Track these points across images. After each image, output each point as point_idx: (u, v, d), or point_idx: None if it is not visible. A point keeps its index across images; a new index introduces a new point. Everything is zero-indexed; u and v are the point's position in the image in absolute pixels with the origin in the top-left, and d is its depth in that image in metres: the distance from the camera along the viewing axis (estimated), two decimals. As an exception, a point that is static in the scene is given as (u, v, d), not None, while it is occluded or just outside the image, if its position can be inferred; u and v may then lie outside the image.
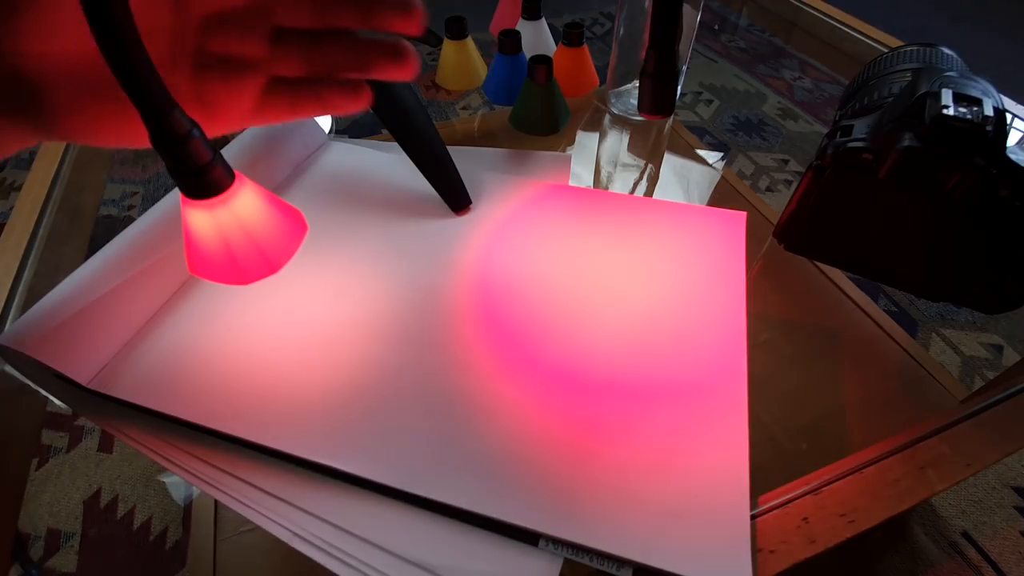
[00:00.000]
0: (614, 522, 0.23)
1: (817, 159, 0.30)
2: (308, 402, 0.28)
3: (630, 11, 0.44)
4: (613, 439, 0.26)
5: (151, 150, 0.19)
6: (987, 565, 0.57)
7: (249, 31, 0.22)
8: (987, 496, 0.63)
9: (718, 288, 0.33)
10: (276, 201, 0.25)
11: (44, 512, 0.62)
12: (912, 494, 0.25)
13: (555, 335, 0.31)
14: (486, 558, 0.23)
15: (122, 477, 0.64)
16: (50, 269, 0.35)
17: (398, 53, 0.23)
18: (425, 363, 0.30)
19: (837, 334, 0.37)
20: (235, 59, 0.22)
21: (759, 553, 0.23)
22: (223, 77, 0.22)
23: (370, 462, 0.25)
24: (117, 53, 0.17)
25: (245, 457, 0.26)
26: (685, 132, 0.53)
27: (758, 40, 1.32)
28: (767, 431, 0.31)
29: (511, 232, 0.37)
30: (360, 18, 0.22)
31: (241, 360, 0.30)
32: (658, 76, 0.31)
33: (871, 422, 0.32)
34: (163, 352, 0.30)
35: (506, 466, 0.25)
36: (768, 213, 0.43)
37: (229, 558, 0.30)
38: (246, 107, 0.23)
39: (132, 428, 0.27)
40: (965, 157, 0.26)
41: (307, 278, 0.34)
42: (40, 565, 0.58)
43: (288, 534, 0.24)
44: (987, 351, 0.78)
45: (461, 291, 0.33)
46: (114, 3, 0.16)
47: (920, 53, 0.34)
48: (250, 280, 0.24)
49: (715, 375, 0.29)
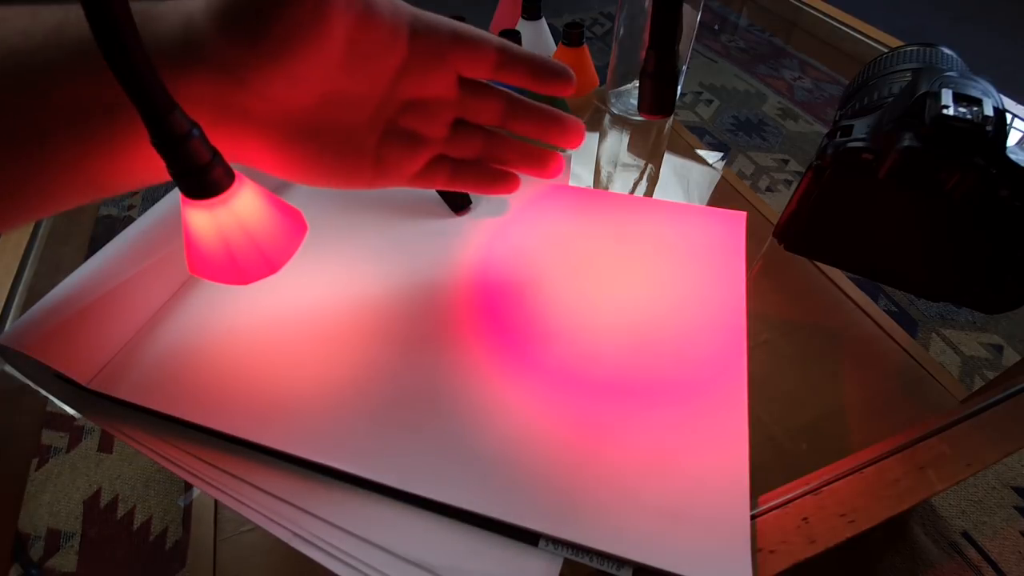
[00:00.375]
0: (614, 522, 0.23)
1: (817, 159, 0.30)
2: (308, 402, 0.28)
3: (630, 11, 0.44)
4: (613, 439, 0.26)
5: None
6: (987, 565, 0.58)
7: (436, 116, 0.27)
8: (987, 496, 0.63)
9: (718, 288, 0.33)
10: (276, 201, 0.25)
11: (44, 512, 0.62)
12: (912, 494, 0.25)
13: (555, 335, 0.31)
14: (486, 558, 0.23)
15: (122, 477, 0.64)
16: (50, 269, 0.35)
17: (543, 162, 0.30)
18: (425, 363, 0.30)
19: (837, 334, 0.37)
20: (418, 135, 0.27)
21: (759, 553, 0.23)
22: (404, 147, 0.27)
23: (370, 462, 0.25)
24: (117, 53, 0.17)
25: (245, 457, 0.26)
26: (685, 132, 0.53)
27: (758, 40, 1.32)
28: (767, 431, 0.31)
29: (511, 232, 0.37)
30: (526, 117, 0.28)
31: (241, 360, 0.30)
32: (658, 76, 0.31)
33: (871, 422, 0.32)
34: (163, 352, 0.30)
35: (506, 466, 0.25)
36: (768, 213, 0.43)
37: (229, 558, 0.30)
38: (412, 172, 0.28)
39: (132, 428, 0.27)
40: (965, 157, 0.26)
41: (307, 278, 0.34)
42: (40, 565, 0.58)
43: (288, 534, 0.24)
44: (987, 351, 0.78)
45: (461, 291, 0.33)
46: (114, 4, 0.16)
47: (920, 53, 0.34)
48: (250, 280, 0.24)
49: (715, 375, 0.29)
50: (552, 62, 0.27)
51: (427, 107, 0.26)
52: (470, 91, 0.27)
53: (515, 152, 0.29)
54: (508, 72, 0.26)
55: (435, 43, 0.24)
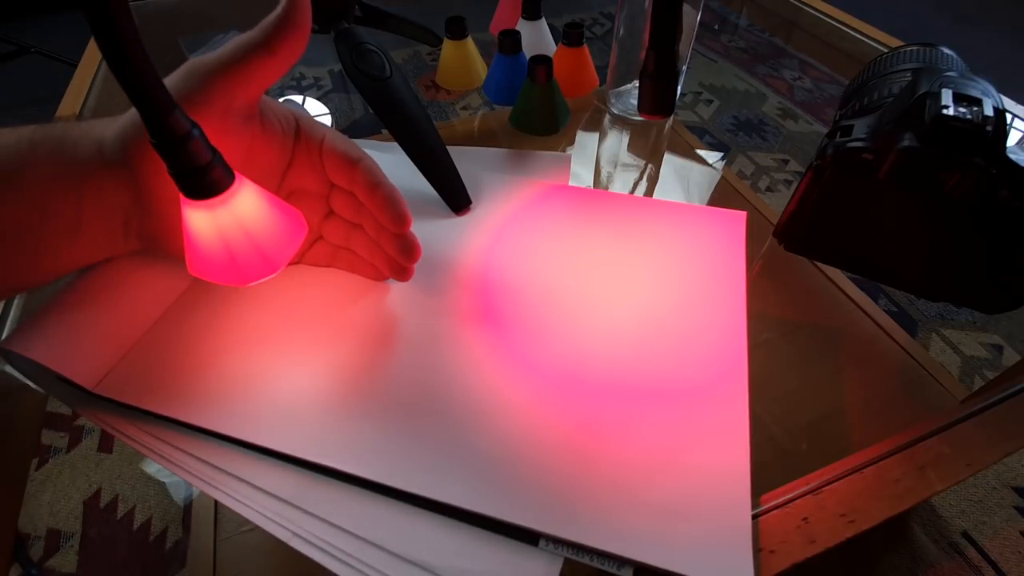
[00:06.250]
0: (615, 522, 0.23)
1: (817, 159, 0.30)
2: (308, 402, 0.28)
3: (630, 11, 0.44)
4: (614, 439, 0.26)
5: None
6: (987, 565, 0.57)
7: (312, 205, 0.31)
8: (987, 496, 0.63)
9: (718, 288, 0.33)
10: (276, 201, 0.25)
11: (44, 512, 0.61)
12: (912, 494, 0.25)
13: (555, 335, 0.31)
14: (486, 558, 0.23)
15: (122, 477, 0.64)
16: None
17: (387, 266, 0.32)
18: (425, 363, 0.30)
19: (837, 334, 0.37)
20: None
21: (759, 553, 0.23)
22: None
23: (370, 462, 0.25)
24: (117, 55, 0.17)
25: (245, 457, 0.26)
26: (685, 132, 0.53)
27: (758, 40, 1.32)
28: (767, 431, 0.31)
29: (511, 232, 0.37)
30: (376, 229, 0.31)
31: (243, 362, 0.30)
32: (658, 76, 0.31)
33: (871, 422, 0.32)
34: (167, 356, 0.30)
35: (506, 466, 0.25)
36: (768, 213, 0.43)
37: (229, 558, 0.30)
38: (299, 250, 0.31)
39: (132, 428, 0.27)
40: (965, 157, 0.26)
41: (307, 279, 0.34)
42: (40, 565, 0.58)
43: (288, 534, 0.24)
44: (987, 351, 0.78)
45: (461, 291, 0.33)
46: (114, 6, 0.16)
47: (920, 53, 0.34)
48: (250, 280, 0.24)
49: (716, 375, 0.29)
50: (393, 203, 0.29)
51: (305, 196, 0.31)
52: (338, 189, 0.31)
53: (365, 248, 0.32)
54: (356, 190, 0.30)
55: (312, 149, 0.29)
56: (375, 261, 0.32)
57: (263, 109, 0.27)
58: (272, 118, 0.28)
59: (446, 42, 0.50)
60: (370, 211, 0.30)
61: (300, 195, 0.31)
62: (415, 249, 0.31)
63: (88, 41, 0.55)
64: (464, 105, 1.17)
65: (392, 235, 0.30)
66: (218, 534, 0.31)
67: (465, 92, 1.17)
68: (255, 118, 0.27)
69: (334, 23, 0.38)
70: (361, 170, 0.29)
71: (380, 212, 0.30)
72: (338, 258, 0.33)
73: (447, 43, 0.50)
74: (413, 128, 0.38)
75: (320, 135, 0.29)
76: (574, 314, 0.32)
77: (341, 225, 0.32)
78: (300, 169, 0.30)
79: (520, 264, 0.35)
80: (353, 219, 0.32)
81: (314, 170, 0.30)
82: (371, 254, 0.32)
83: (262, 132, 0.27)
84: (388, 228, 0.30)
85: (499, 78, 0.49)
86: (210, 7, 0.67)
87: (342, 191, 0.31)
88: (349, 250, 0.33)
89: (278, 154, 0.29)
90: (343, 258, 0.33)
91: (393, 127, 0.38)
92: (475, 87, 0.52)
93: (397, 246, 0.30)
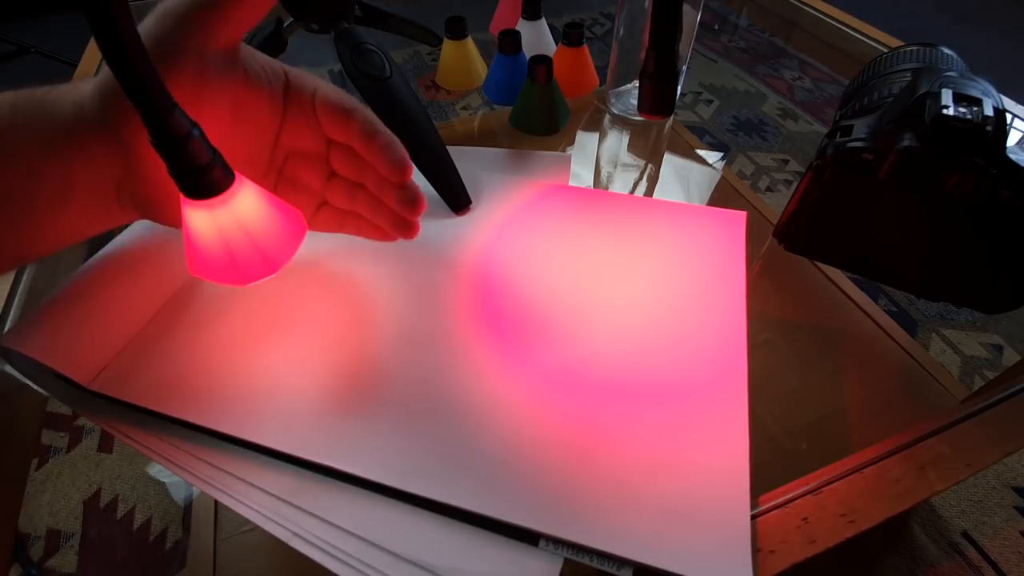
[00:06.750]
0: (615, 522, 0.23)
1: (817, 159, 0.30)
2: (308, 402, 0.28)
3: (630, 11, 0.44)
4: (613, 439, 0.26)
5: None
6: (987, 565, 0.57)
7: (312, 167, 0.31)
8: (987, 496, 0.63)
9: (718, 288, 0.33)
10: (276, 201, 0.25)
11: (44, 512, 0.62)
12: (912, 494, 0.25)
13: (555, 335, 0.31)
14: (486, 558, 0.23)
15: (122, 477, 0.64)
16: (50, 269, 0.35)
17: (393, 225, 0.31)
18: (425, 363, 0.30)
19: (837, 334, 0.37)
20: (301, 184, 0.31)
21: (759, 553, 0.23)
22: (293, 194, 0.31)
23: (370, 462, 0.25)
24: (117, 55, 0.17)
25: (245, 457, 0.26)
26: (685, 132, 0.53)
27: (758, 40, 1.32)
28: (767, 431, 0.31)
29: (511, 232, 0.37)
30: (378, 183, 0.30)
31: (242, 361, 0.30)
32: (658, 76, 0.31)
33: (871, 422, 0.32)
34: (164, 353, 0.30)
35: (506, 466, 0.25)
36: (768, 213, 0.43)
37: (229, 558, 0.30)
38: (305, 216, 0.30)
39: (132, 428, 0.27)
40: (965, 157, 0.26)
41: (307, 279, 0.34)
42: (40, 565, 0.58)
43: (288, 534, 0.24)
44: (987, 351, 0.78)
45: (461, 291, 0.33)
46: (114, 6, 0.16)
47: (920, 53, 0.34)
48: (250, 280, 0.24)
49: (716, 375, 0.29)
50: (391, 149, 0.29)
51: (304, 157, 0.30)
52: (336, 146, 0.30)
53: (369, 208, 0.31)
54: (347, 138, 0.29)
55: (304, 102, 0.28)
56: (380, 221, 0.31)
57: (245, 57, 0.26)
58: (256, 68, 0.27)
59: (446, 42, 0.50)
60: (370, 164, 0.29)
61: (299, 157, 0.30)
62: (419, 199, 0.30)
63: (88, 41, 0.55)
64: (464, 105, 1.17)
65: (394, 186, 0.29)
66: (218, 534, 0.31)
67: (465, 92, 1.17)
68: (237, 65, 0.25)
69: (334, 23, 0.38)
70: (357, 120, 0.28)
71: (379, 161, 0.29)
72: (345, 223, 0.32)
73: (447, 43, 0.50)
74: (413, 128, 0.38)
75: (312, 86, 0.28)
76: (574, 314, 0.32)
77: (344, 187, 0.31)
78: (295, 126, 0.29)
79: (520, 264, 0.35)
80: (355, 178, 0.31)
81: (309, 126, 0.29)
82: (375, 214, 0.31)
83: (247, 81, 0.26)
84: (389, 178, 0.29)
85: (499, 78, 0.49)
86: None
87: (341, 148, 0.30)
88: (355, 214, 0.32)
89: (268, 108, 0.27)
90: (350, 223, 0.32)
91: (393, 127, 0.37)
92: (475, 87, 0.52)
93: (399, 197, 0.29)
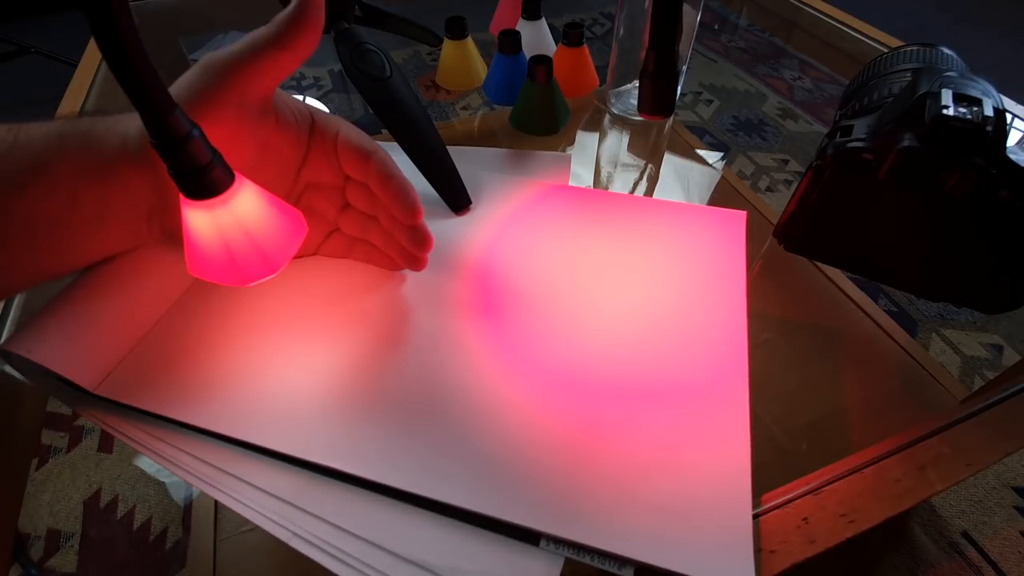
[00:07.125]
0: (616, 521, 0.23)
1: (817, 159, 0.30)
2: (308, 402, 0.28)
3: (630, 11, 0.44)
4: (614, 438, 0.26)
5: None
6: (987, 565, 0.57)
7: (329, 198, 0.33)
8: (987, 496, 0.63)
9: (718, 288, 0.33)
10: (276, 201, 0.25)
11: (44, 512, 0.62)
12: (912, 494, 0.25)
13: (555, 335, 0.31)
14: (486, 558, 0.23)
15: (122, 477, 0.64)
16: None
17: (403, 256, 0.33)
18: (425, 363, 0.30)
19: (837, 334, 0.37)
20: (317, 211, 0.33)
21: (760, 553, 0.23)
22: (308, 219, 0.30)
23: (370, 462, 0.25)
24: (117, 55, 0.17)
25: (245, 457, 0.26)
26: (685, 132, 0.53)
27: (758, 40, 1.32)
28: (767, 431, 0.31)
29: (511, 232, 0.37)
30: (390, 220, 0.32)
31: (245, 363, 0.30)
32: (658, 76, 0.31)
33: (871, 422, 0.32)
34: (168, 357, 0.30)
35: (507, 466, 0.25)
36: (768, 213, 0.43)
37: (229, 558, 0.30)
38: (316, 243, 0.34)
39: (132, 428, 0.27)
40: (965, 157, 0.26)
41: (307, 279, 0.34)
42: (40, 565, 0.58)
43: (288, 534, 0.24)
44: (987, 351, 0.78)
45: (461, 291, 0.33)
46: (114, 6, 0.16)
47: (920, 53, 0.34)
48: (250, 281, 0.24)
49: (716, 374, 0.29)
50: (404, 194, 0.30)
51: (321, 189, 0.32)
52: (353, 181, 0.32)
53: (380, 240, 0.33)
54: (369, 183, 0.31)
55: (327, 143, 0.30)
56: (390, 252, 0.33)
57: (278, 104, 0.28)
58: (287, 113, 0.29)
59: (446, 42, 0.50)
60: (383, 203, 0.31)
61: (316, 188, 0.32)
62: (427, 239, 0.31)
63: (88, 41, 0.55)
64: (464, 105, 1.17)
65: (404, 226, 0.31)
66: (218, 534, 0.31)
67: (465, 92, 1.17)
68: (270, 112, 0.28)
69: (334, 23, 0.38)
70: (375, 162, 0.30)
71: (392, 204, 0.30)
72: (354, 249, 0.34)
73: (447, 43, 0.50)
74: (413, 128, 0.38)
75: (335, 128, 0.30)
76: (574, 314, 0.32)
77: (357, 217, 0.33)
78: (316, 162, 0.31)
79: (520, 264, 0.35)
80: (368, 211, 0.33)
81: (329, 163, 0.31)
82: (386, 245, 0.33)
83: (277, 126, 0.28)
84: (400, 220, 0.31)
85: (499, 78, 0.49)
86: (210, 7, 0.67)
87: (357, 183, 0.32)
88: (365, 241, 0.34)
89: (294, 148, 0.30)
90: (359, 249, 0.34)
91: (393, 127, 0.38)
92: (475, 87, 0.53)
93: (409, 237, 0.31)
